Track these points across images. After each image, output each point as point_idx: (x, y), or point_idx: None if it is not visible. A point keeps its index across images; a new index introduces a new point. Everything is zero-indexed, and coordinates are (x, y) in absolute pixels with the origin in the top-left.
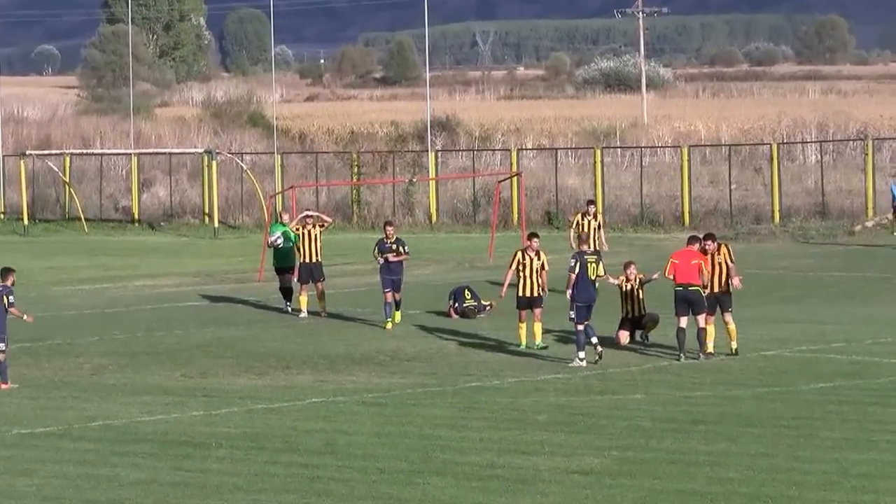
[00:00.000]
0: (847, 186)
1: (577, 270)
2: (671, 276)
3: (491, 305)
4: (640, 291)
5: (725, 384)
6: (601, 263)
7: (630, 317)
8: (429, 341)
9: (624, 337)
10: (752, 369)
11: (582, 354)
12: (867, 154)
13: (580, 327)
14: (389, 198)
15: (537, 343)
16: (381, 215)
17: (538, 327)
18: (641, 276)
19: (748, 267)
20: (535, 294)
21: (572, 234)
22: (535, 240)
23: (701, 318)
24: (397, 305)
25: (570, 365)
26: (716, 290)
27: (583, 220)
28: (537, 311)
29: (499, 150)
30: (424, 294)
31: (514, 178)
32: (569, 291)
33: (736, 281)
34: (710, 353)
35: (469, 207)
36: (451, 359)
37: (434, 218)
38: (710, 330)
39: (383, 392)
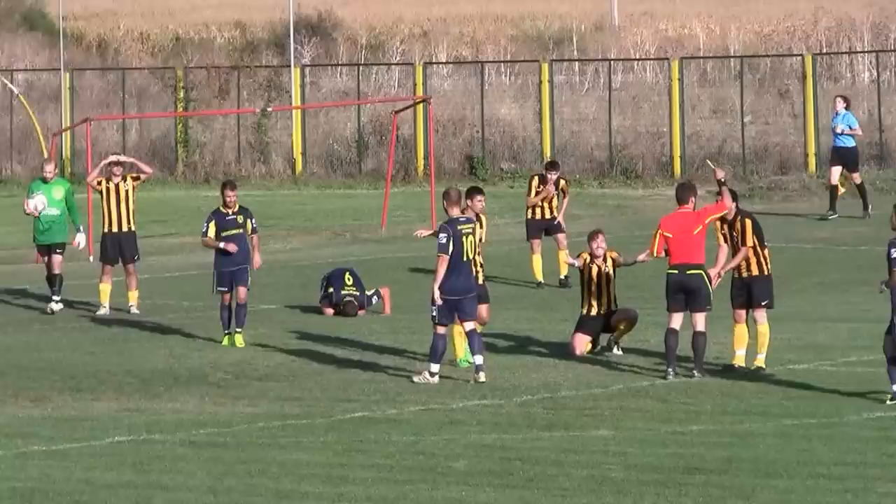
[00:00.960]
0: None
1: (451, 249)
2: (661, 255)
3: (380, 296)
4: (612, 277)
5: (735, 414)
6: (478, 231)
7: (594, 314)
8: (291, 351)
9: (582, 344)
10: (776, 392)
11: (435, 368)
12: None
13: (441, 330)
14: (232, 137)
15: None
16: (221, 164)
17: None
18: (614, 254)
19: (770, 238)
20: (478, 282)
21: (528, 203)
22: (479, 197)
23: (700, 318)
24: (239, 320)
25: (416, 380)
26: (743, 272)
27: (541, 187)
28: (481, 308)
29: (397, 64)
30: (284, 280)
31: (420, 107)
32: (437, 281)
33: (713, 273)
34: (740, 367)
35: (351, 151)
36: (325, 377)
37: (299, 167)
38: (743, 334)
39: (222, 427)
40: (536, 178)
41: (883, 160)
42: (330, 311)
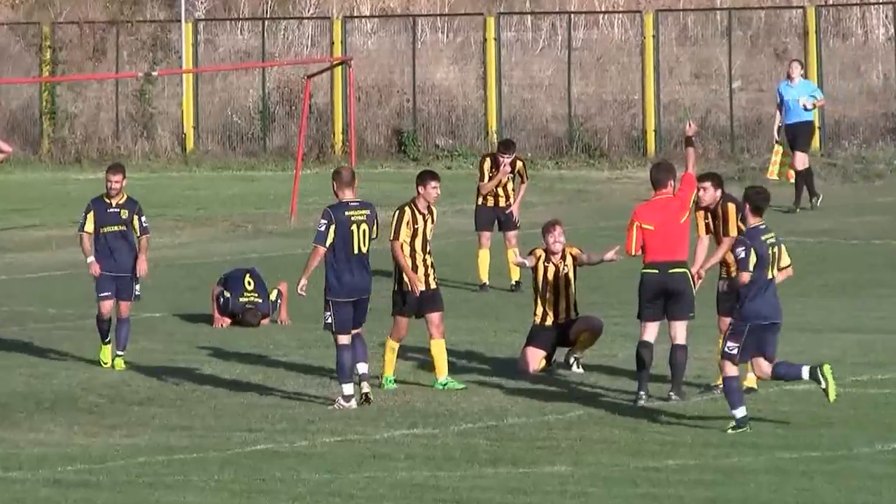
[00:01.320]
0: None
1: (330, 239)
2: (639, 252)
3: (280, 295)
4: (571, 279)
5: (720, 446)
6: (376, 223)
7: (549, 324)
8: (178, 370)
9: (536, 359)
10: (770, 417)
11: (349, 389)
12: None
13: (343, 339)
14: (109, 108)
15: (441, 381)
16: (95, 140)
17: (440, 349)
18: (576, 251)
19: None
20: (431, 287)
21: (482, 190)
22: (433, 184)
23: (681, 328)
24: (120, 342)
25: (331, 408)
26: (732, 271)
27: (494, 170)
28: (434, 317)
29: (310, 18)
30: (171, 282)
31: (338, 71)
32: (304, 277)
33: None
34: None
35: (254, 125)
36: (220, 401)
37: (190, 144)
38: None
39: (95, 462)
40: (488, 160)
41: None
42: (226, 320)
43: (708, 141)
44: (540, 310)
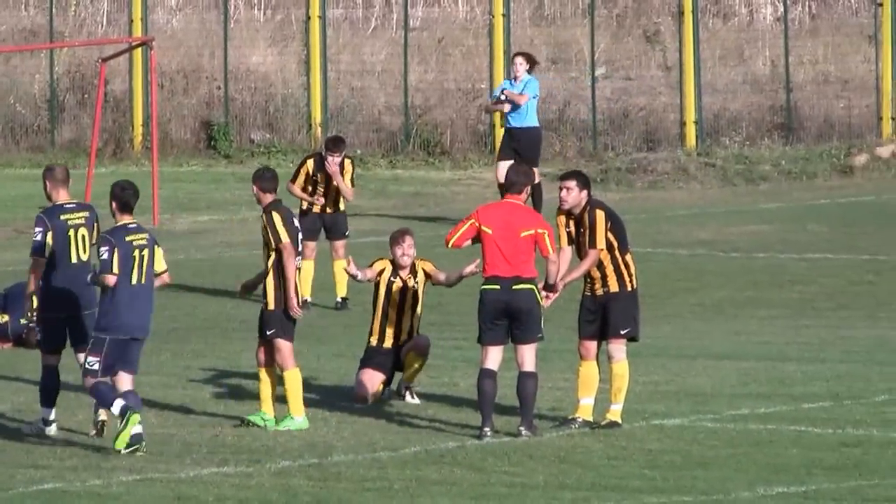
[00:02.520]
0: (841, 73)
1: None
2: (461, 246)
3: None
4: (419, 297)
5: (578, 489)
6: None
7: (388, 346)
8: None
9: (374, 383)
10: (636, 457)
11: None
12: (882, 3)
13: (52, 360)
14: None
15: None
16: None
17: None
18: (429, 266)
19: (630, 242)
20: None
21: (294, 194)
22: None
23: (528, 352)
24: None
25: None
26: (597, 288)
27: (315, 171)
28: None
29: None
30: None
31: (138, 53)
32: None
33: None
34: (586, 422)
35: (41, 115)
36: (2, 434)
37: None
38: (592, 375)
39: None
40: (311, 161)
41: (791, 132)
42: (6, 343)
43: (566, 137)
44: (378, 330)
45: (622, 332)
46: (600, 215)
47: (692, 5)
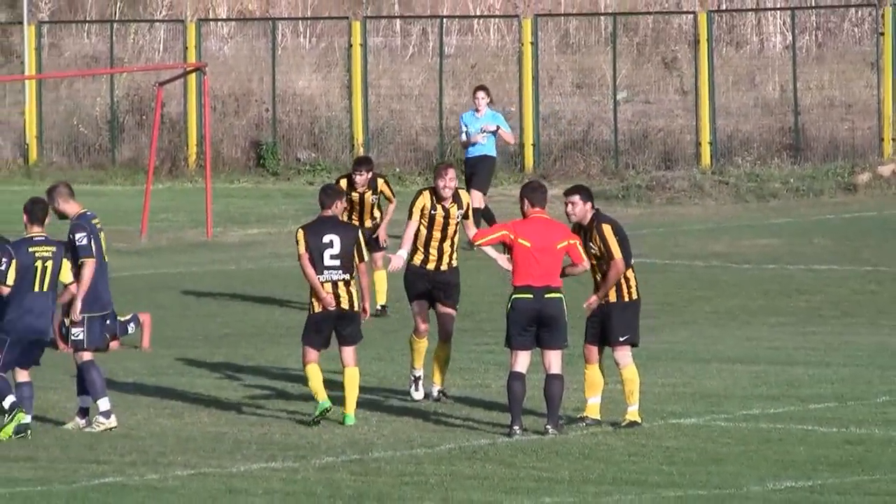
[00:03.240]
0: (846, 98)
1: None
2: (478, 241)
3: (139, 323)
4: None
5: (601, 483)
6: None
7: (432, 267)
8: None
9: (426, 316)
10: (654, 454)
11: (104, 405)
12: (884, 32)
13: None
14: None
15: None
16: None
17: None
18: (469, 200)
19: (652, 253)
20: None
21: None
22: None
23: (555, 357)
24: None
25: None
26: (601, 298)
27: (350, 192)
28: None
29: (162, 21)
30: None
31: (192, 78)
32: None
33: (592, 299)
34: (590, 420)
35: (102, 135)
36: (65, 431)
37: (33, 155)
38: (596, 377)
39: None
40: (344, 181)
41: (799, 152)
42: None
43: (590, 156)
44: (422, 253)
45: (621, 340)
46: (607, 229)
47: (707, 34)
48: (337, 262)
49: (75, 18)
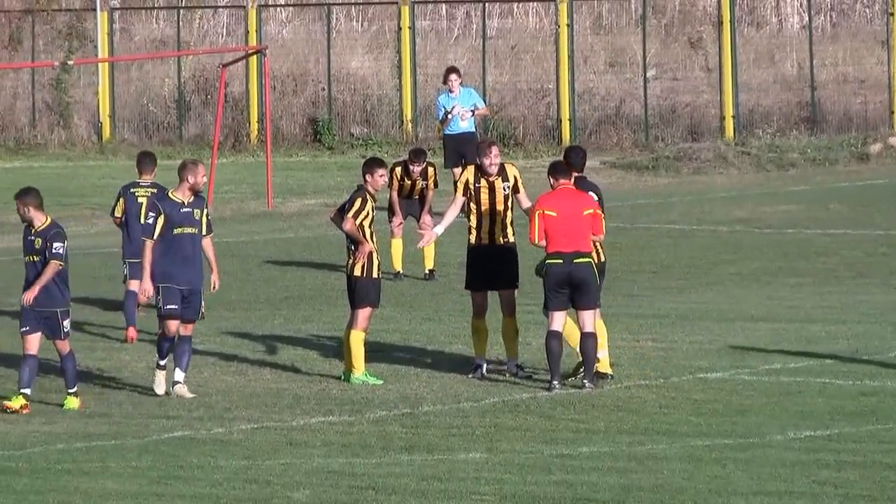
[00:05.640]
0: (858, 74)
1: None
2: (541, 242)
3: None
4: (509, 198)
5: (634, 433)
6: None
7: (488, 241)
8: (97, 357)
9: (485, 297)
10: (683, 406)
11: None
12: (893, 13)
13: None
14: (26, 97)
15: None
16: (12, 129)
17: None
18: (517, 175)
19: (679, 219)
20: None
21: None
22: (380, 172)
23: (588, 316)
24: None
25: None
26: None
27: (404, 178)
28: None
29: (225, 7)
30: (88, 271)
31: (253, 59)
32: None
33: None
34: (604, 375)
35: (170, 114)
36: (138, 388)
37: (107, 133)
38: (601, 329)
39: (13, 449)
40: (399, 168)
41: (815, 124)
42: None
43: (622, 130)
44: (475, 229)
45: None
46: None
47: (730, 15)
48: None
49: (144, 5)
